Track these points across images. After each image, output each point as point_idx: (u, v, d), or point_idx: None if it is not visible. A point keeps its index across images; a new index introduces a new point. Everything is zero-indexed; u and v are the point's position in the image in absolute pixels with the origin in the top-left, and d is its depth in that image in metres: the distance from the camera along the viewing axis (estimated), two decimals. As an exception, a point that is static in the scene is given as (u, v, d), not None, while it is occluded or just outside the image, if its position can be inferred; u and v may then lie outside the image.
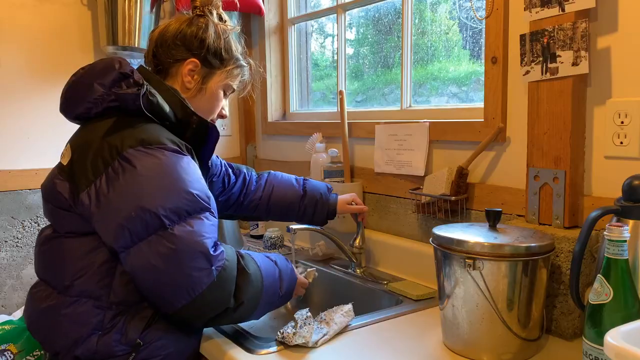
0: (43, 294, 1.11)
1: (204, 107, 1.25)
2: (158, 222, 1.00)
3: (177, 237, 1.00)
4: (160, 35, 1.23)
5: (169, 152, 1.06)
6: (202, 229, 1.03)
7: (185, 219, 1.02)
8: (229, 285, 1.05)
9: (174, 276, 1.00)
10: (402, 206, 1.62)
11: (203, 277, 1.01)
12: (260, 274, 1.12)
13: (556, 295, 1.11)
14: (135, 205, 1.00)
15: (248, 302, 1.09)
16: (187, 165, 1.07)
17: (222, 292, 1.04)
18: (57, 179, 1.10)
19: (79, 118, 1.16)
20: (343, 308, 1.21)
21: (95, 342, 1.04)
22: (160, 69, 1.24)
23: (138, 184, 1.02)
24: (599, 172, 1.15)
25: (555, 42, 1.14)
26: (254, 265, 1.12)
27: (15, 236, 1.91)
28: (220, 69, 1.25)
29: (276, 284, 1.16)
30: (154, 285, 1.02)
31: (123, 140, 1.05)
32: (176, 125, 1.16)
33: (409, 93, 1.70)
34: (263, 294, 1.12)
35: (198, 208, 1.05)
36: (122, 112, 1.11)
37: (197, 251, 1.01)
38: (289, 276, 1.21)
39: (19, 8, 1.89)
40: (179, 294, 1.01)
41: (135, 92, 1.08)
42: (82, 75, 1.13)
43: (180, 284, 1.00)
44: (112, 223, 1.02)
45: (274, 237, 1.93)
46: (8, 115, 1.89)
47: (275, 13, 2.26)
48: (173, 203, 1.02)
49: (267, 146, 2.32)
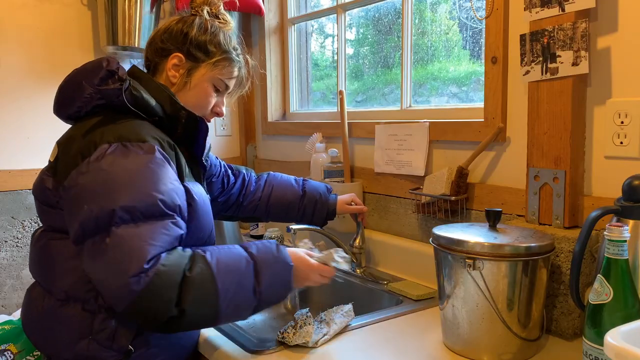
0: (37, 296, 1.11)
1: (191, 101, 1.21)
2: (109, 218, 0.95)
3: (118, 236, 0.94)
4: (152, 36, 1.25)
5: (144, 150, 1.03)
6: (148, 234, 0.96)
7: (136, 221, 0.96)
8: (166, 292, 0.94)
9: (109, 277, 0.95)
10: (402, 206, 1.62)
11: (132, 283, 0.92)
12: (209, 275, 0.98)
13: (556, 295, 1.11)
14: (92, 199, 0.98)
15: (193, 308, 0.96)
16: (158, 168, 1.02)
17: (157, 300, 0.94)
18: (45, 175, 1.12)
19: (71, 118, 1.16)
20: (343, 308, 1.20)
21: (85, 347, 1.02)
22: (150, 66, 1.25)
23: (99, 178, 1.00)
24: (599, 172, 1.15)
25: (555, 42, 1.14)
26: (200, 267, 0.99)
27: (15, 236, 1.91)
28: (205, 62, 1.22)
29: (245, 280, 1.02)
30: (97, 284, 0.99)
31: (102, 135, 1.04)
32: (166, 120, 1.15)
33: (409, 93, 1.70)
34: (219, 295, 0.98)
35: (157, 213, 0.98)
36: (110, 109, 1.10)
37: (132, 255, 0.93)
38: (273, 264, 1.06)
39: (19, 8, 1.89)
40: (115, 298, 0.95)
41: (118, 87, 1.07)
42: (73, 76, 1.14)
43: (113, 286, 0.94)
44: (69, 214, 1.02)
45: (274, 237, 1.93)
46: (8, 115, 1.89)
47: (275, 13, 2.26)
48: (129, 202, 0.97)
49: (267, 146, 2.32)
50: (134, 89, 1.10)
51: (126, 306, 0.94)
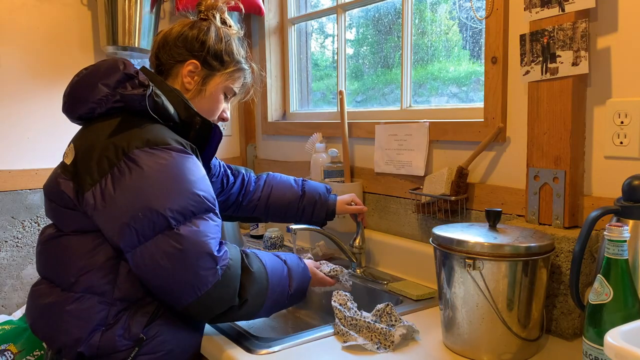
0: (45, 292, 1.11)
1: (203, 108, 1.25)
2: (165, 222, 1.02)
3: (184, 237, 1.02)
4: (164, 38, 1.25)
5: (175, 152, 1.08)
6: (207, 229, 1.05)
7: (191, 219, 1.04)
8: (234, 283, 1.06)
9: (181, 275, 1.02)
10: (402, 206, 1.62)
11: (209, 276, 1.03)
12: (265, 272, 1.13)
13: (556, 295, 1.11)
14: (142, 206, 1.02)
15: (252, 299, 1.09)
16: (192, 166, 1.09)
17: (227, 290, 1.06)
18: (61, 179, 1.11)
19: (81, 118, 1.16)
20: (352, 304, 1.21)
21: (98, 338, 1.05)
22: (162, 69, 1.26)
23: (145, 185, 1.03)
24: (599, 172, 1.15)
25: (555, 42, 1.14)
26: (258, 264, 1.12)
27: (15, 236, 1.91)
28: (221, 71, 1.26)
29: (284, 282, 1.16)
30: (162, 283, 1.04)
31: (129, 141, 1.06)
32: (180, 125, 1.17)
33: (409, 93, 1.70)
34: (269, 292, 1.12)
35: (203, 209, 1.06)
36: (126, 112, 1.12)
37: (202, 251, 1.02)
38: (300, 274, 1.21)
39: (19, 8, 1.89)
40: (186, 292, 1.03)
41: (142, 92, 1.10)
42: (85, 76, 1.14)
43: (187, 282, 1.02)
44: (118, 222, 1.03)
45: (274, 237, 1.93)
46: (8, 116, 1.89)
47: (275, 13, 2.26)
48: (179, 204, 1.03)
49: (267, 146, 2.32)
50: (155, 95, 1.12)
51: (195, 299, 1.03)
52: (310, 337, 1.14)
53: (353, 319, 1.14)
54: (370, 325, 1.12)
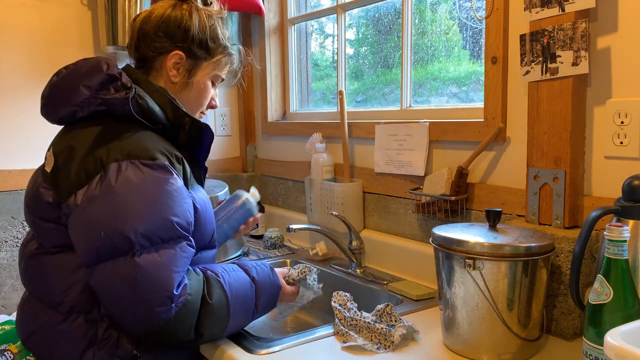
0: (35, 311, 1.09)
1: (192, 100, 1.20)
2: (126, 245, 0.95)
3: (142, 268, 0.95)
4: (142, 25, 1.16)
5: (155, 171, 1.01)
6: (171, 261, 0.97)
7: (157, 247, 0.97)
8: (189, 320, 1.00)
9: (134, 305, 0.96)
10: (402, 206, 1.62)
11: (161, 312, 0.95)
12: (225, 301, 1.05)
13: (556, 295, 1.11)
14: (107, 225, 0.96)
15: (209, 332, 1.04)
16: (171, 187, 1.01)
17: (181, 326, 0.99)
18: (42, 188, 1.06)
19: (62, 121, 1.11)
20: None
21: (91, 357, 1.02)
22: (143, 63, 1.18)
23: (113, 202, 0.97)
24: (599, 172, 1.15)
25: (555, 42, 1.14)
26: (218, 293, 1.05)
27: (15, 236, 1.91)
28: (207, 60, 1.18)
29: (249, 304, 1.11)
30: (114, 308, 0.99)
31: (109, 152, 1.00)
32: (168, 127, 1.11)
33: (409, 93, 1.70)
34: (230, 320, 1.07)
35: (175, 236, 1.00)
36: (110, 116, 1.06)
37: (158, 287, 0.95)
38: (268, 290, 1.15)
39: (19, 8, 1.89)
40: (137, 323, 0.98)
41: (124, 96, 1.02)
42: (65, 76, 1.08)
43: (139, 313, 0.96)
44: (82, 237, 0.99)
45: (274, 237, 1.93)
46: (8, 115, 1.89)
47: (275, 13, 2.26)
48: (147, 227, 0.96)
49: (267, 146, 2.32)
50: (139, 97, 1.05)
51: (147, 331, 0.97)
52: (310, 337, 1.14)
53: (353, 320, 1.14)
54: (370, 326, 1.11)
